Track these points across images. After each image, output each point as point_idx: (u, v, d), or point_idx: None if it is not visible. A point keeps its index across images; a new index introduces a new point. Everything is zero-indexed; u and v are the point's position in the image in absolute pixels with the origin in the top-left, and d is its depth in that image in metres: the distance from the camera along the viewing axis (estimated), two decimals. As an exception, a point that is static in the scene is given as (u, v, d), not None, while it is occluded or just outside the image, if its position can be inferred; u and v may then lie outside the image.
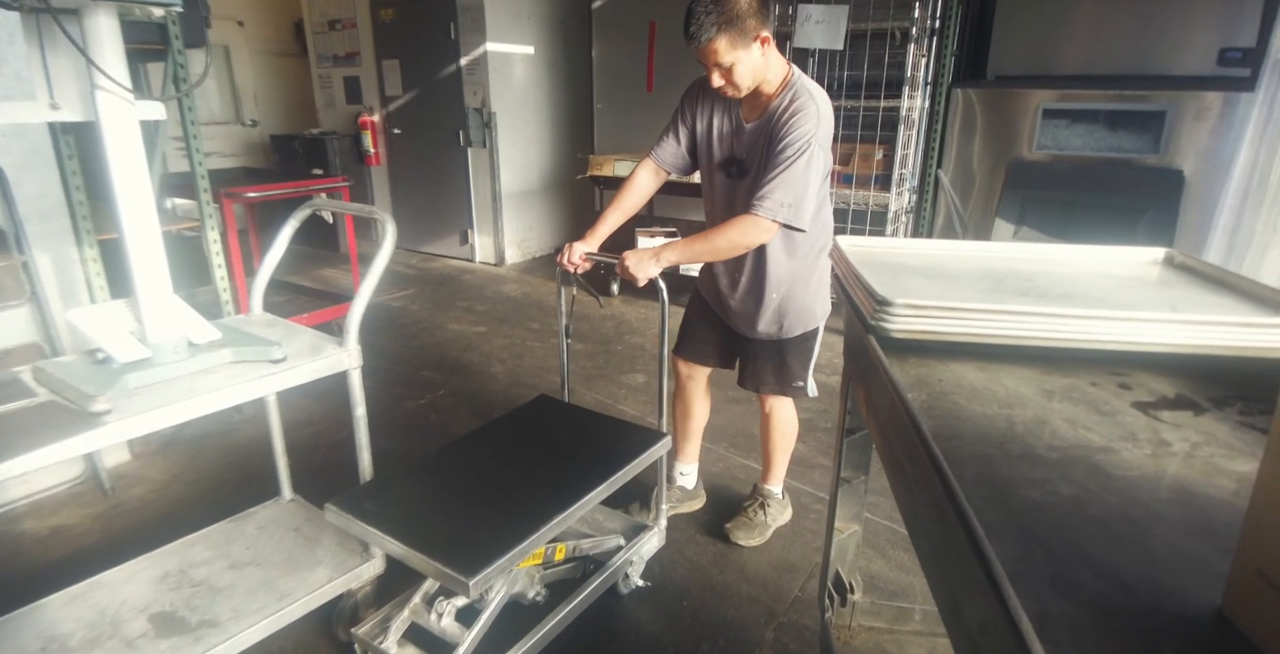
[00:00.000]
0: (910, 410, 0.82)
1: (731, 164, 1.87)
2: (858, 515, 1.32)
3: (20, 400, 1.31)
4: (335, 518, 1.47)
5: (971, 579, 0.60)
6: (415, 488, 1.60)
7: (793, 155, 1.68)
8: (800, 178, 1.69)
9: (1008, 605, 0.51)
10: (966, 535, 0.60)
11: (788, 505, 2.30)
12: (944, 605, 0.68)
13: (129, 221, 1.42)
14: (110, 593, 1.60)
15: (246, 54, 6.57)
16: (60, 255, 2.32)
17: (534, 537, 1.40)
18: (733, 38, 1.62)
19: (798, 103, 1.71)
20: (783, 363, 2.04)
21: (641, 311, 4.46)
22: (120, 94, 1.30)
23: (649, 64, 4.82)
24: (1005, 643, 0.54)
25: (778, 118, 1.73)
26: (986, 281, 1.25)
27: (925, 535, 0.77)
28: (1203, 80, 3.47)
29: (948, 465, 0.70)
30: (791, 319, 1.98)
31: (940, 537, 0.71)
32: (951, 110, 3.95)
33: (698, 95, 1.91)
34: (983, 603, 0.57)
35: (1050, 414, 0.95)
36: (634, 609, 1.93)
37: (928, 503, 0.75)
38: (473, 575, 1.26)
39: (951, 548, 0.67)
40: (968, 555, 0.60)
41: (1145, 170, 3.62)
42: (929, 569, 0.74)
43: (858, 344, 1.16)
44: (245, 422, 2.91)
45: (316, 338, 1.67)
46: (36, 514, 2.28)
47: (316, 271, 5.39)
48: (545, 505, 1.49)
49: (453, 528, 1.44)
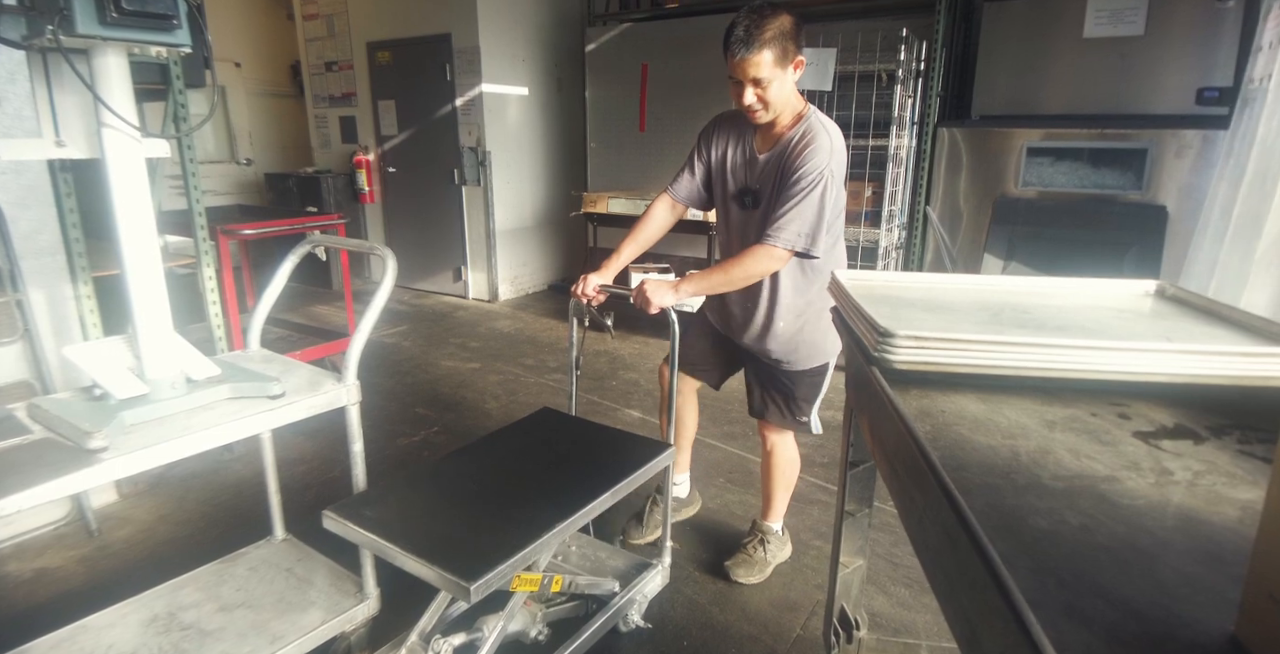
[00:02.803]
0: (920, 443, 0.82)
1: (745, 195, 1.90)
2: (862, 549, 1.31)
3: (15, 438, 1.30)
4: (333, 525, 1.44)
5: (989, 608, 0.60)
6: (415, 495, 1.57)
7: (807, 187, 1.71)
8: (815, 208, 1.72)
9: (1031, 634, 0.50)
10: (984, 566, 0.60)
11: (787, 541, 2.28)
12: (961, 635, 0.67)
13: (131, 257, 1.42)
14: (96, 637, 1.55)
15: (243, 95, 6.67)
16: (54, 293, 2.31)
17: (537, 543, 1.36)
18: (777, 55, 1.65)
19: (811, 135, 1.75)
20: (790, 395, 2.04)
21: (636, 348, 4.46)
22: (128, 132, 1.32)
23: (642, 104, 4.91)
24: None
25: (792, 149, 1.76)
26: (984, 314, 1.27)
27: (938, 565, 0.76)
28: (1182, 119, 3.58)
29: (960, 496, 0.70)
30: (803, 352, 1.99)
31: (954, 566, 0.71)
32: (938, 149, 4.04)
33: (713, 131, 1.96)
34: (1002, 631, 0.57)
35: (1053, 444, 0.95)
36: (634, 650, 1.89)
37: (940, 534, 0.75)
38: (474, 580, 1.23)
39: (966, 577, 0.67)
40: (985, 584, 0.60)
41: (1129, 206, 3.70)
42: (944, 599, 0.74)
43: (860, 376, 1.17)
44: (235, 460, 2.86)
45: (314, 374, 1.66)
46: (20, 557, 2.22)
47: (309, 308, 5.38)
48: (548, 512, 1.46)
49: (453, 534, 1.41)
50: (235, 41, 6.43)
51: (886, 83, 3.85)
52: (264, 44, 6.71)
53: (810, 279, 1.92)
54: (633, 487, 1.67)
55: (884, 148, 3.90)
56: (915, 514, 0.86)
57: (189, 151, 2.59)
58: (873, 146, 3.92)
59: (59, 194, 2.29)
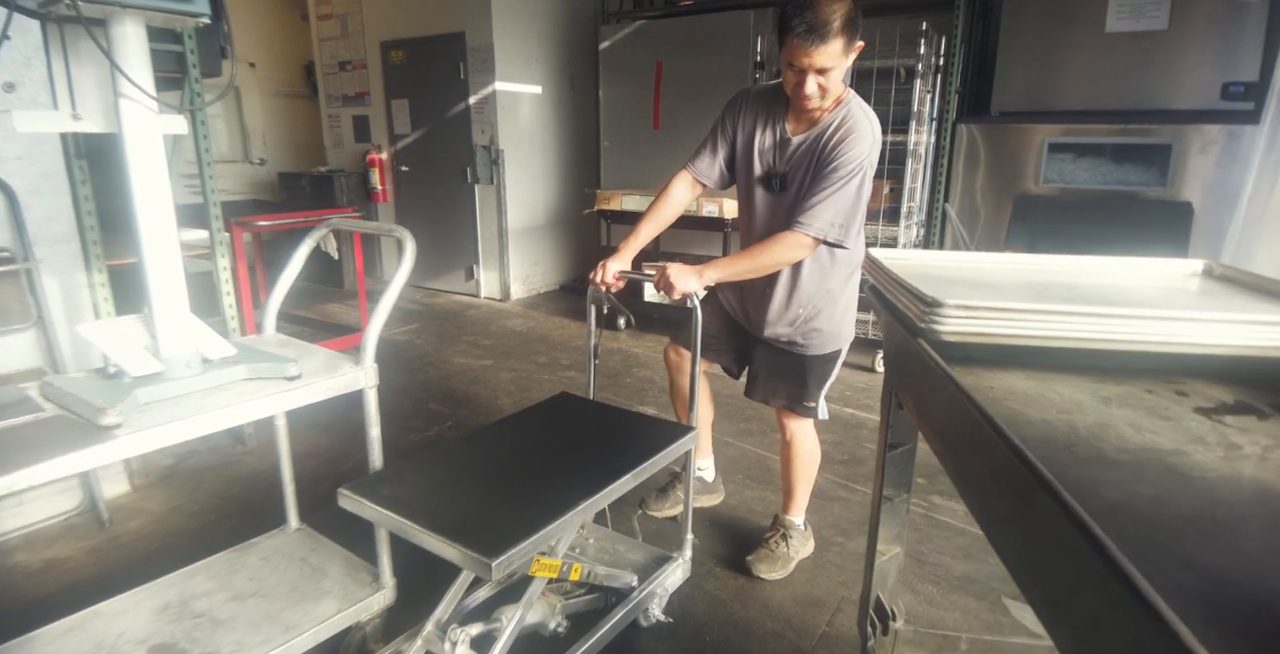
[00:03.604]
0: (981, 408, 0.78)
1: (773, 178, 1.84)
2: (899, 536, 1.26)
3: (26, 415, 1.26)
4: (348, 503, 1.39)
5: (1079, 573, 0.55)
6: (432, 475, 1.53)
7: (846, 176, 1.66)
8: (851, 199, 1.68)
9: (1137, 588, 0.46)
10: (1078, 530, 0.55)
11: (810, 537, 2.22)
12: (1041, 602, 0.62)
13: (148, 234, 1.39)
14: (107, 624, 1.51)
15: (257, 95, 6.68)
16: (68, 280, 2.29)
17: (560, 521, 1.32)
18: (846, 42, 1.58)
19: (852, 122, 1.69)
20: (800, 379, 2.00)
21: (650, 345, 4.41)
22: (145, 103, 1.29)
23: (655, 102, 4.89)
24: (1122, 635, 0.49)
25: (830, 135, 1.71)
26: (1029, 291, 1.22)
27: (1010, 537, 0.72)
28: (1207, 114, 3.51)
29: (1038, 460, 0.66)
30: (819, 337, 1.94)
31: (1029, 536, 0.66)
32: (957, 145, 3.99)
33: (740, 108, 1.88)
34: (1093, 596, 0.53)
35: (1112, 419, 0.91)
36: (654, 646, 1.84)
37: (1011, 503, 0.71)
38: (495, 557, 1.18)
39: (1047, 545, 0.62)
40: (1075, 547, 0.55)
41: (1153, 203, 3.64)
42: (1017, 570, 0.69)
43: (902, 353, 1.13)
44: (248, 453, 2.83)
45: (332, 357, 1.63)
46: (29, 547, 2.19)
47: (321, 306, 5.36)
48: (570, 492, 1.41)
49: (473, 512, 1.36)
50: (250, 42, 6.44)
51: (905, 78, 3.81)
52: (278, 44, 6.73)
53: (831, 268, 1.87)
54: (655, 468, 1.61)
55: (903, 144, 3.85)
56: (975, 486, 0.81)
57: (205, 140, 2.57)
58: (891, 143, 3.86)
59: (74, 181, 2.27)
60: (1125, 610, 0.48)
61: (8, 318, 2.11)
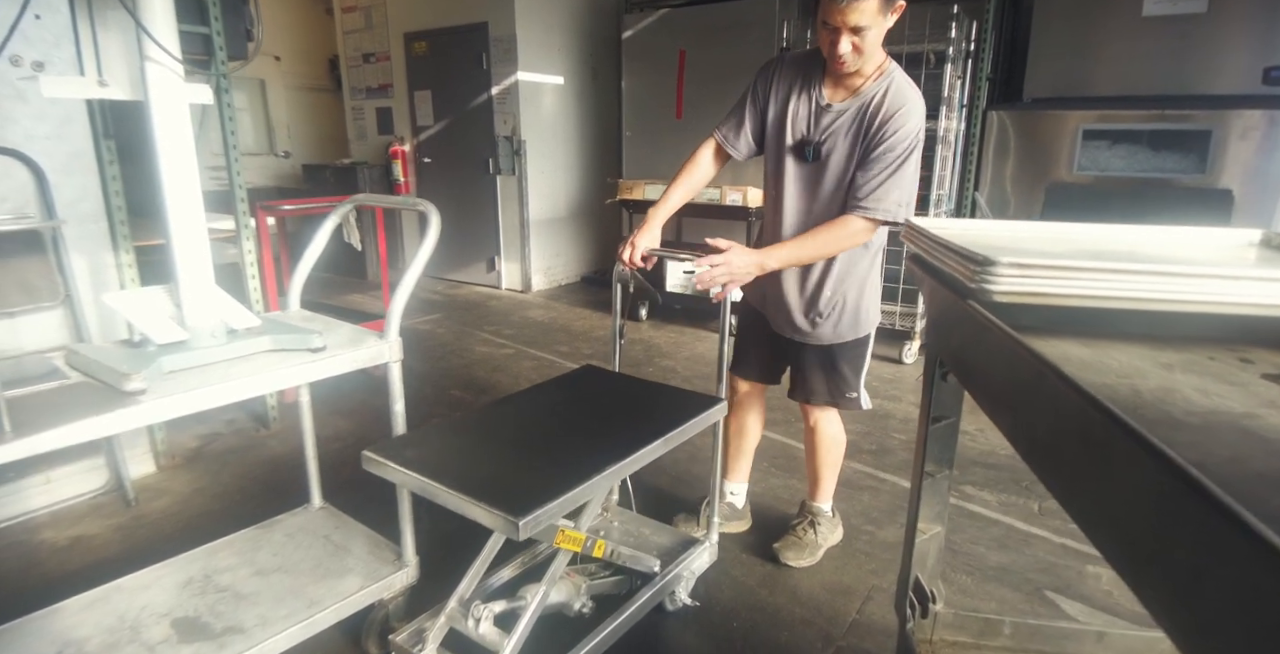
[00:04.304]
0: (1045, 358, 0.73)
1: (806, 146, 1.74)
2: (941, 515, 1.21)
3: (52, 382, 1.25)
4: (372, 465, 1.37)
5: (1174, 524, 0.51)
6: (458, 439, 1.50)
7: (903, 154, 1.60)
8: (911, 176, 1.63)
9: (1251, 528, 0.41)
10: (1175, 477, 0.51)
11: (839, 524, 2.17)
12: (1127, 561, 0.58)
13: (173, 203, 1.37)
14: (130, 598, 1.51)
15: (282, 89, 6.72)
16: (96, 260, 2.29)
17: (588, 483, 1.28)
18: (883, 1, 1.50)
19: (901, 96, 1.62)
20: (834, 370, 1.92)
21: (671, 336, 4.38)
22: (170, 66, 1.27)
23: (679, 91, 4.84)
24: (1230, 583, 0.44)
25: (877, 107, 1.63)
26: (1083, 257, 1.16)
27: (1084, 496, 0.67)
28: (1247, 99, 3.41)
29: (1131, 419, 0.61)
30: (847, 323, 1.87)
31: (1108, 492, 0.62)
32: (987, 132, 3.91)
33: (774, 74, 1.79)
34: (1194, 546, 0.48)
35: (1176, 384, 0.86)
36: (680, 630, 1.80)
37: (1087, 459, 0.66)
38: (523, 515, 1.15)
39: (1132, 500, 0.58)
40: (1170, 499, 0.51)
41: (1191, 191, 3.54)
42: (1094, 531, 0.64)
43: (949, 318, 1.08)
44: (271, 436, 2.83)
45: (356, 331, 1.61)
46: (56, 524, 2.20)
47: (345, 297, 5.38)
48: (597, 457, 1.37)
49: (499, 474, 1.33)
50: (275, 36, 6.48)
51: (935, 64, 3.73)
52: (303, 38, 6.77)
53: (864, 251, 1.81)
54: (684, 438, 1.56)
55: (932, 131, 3.77)
56: (1040, 445, 0.77)
57: (226, 95, 2.53)
58: (920, 129, 3.80)
59: (101, 161, 2.27)
60: (1234, 556, 0.43)
61: (36, 296, 2.11)
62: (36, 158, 2.10)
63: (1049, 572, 2.04)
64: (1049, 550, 2.13)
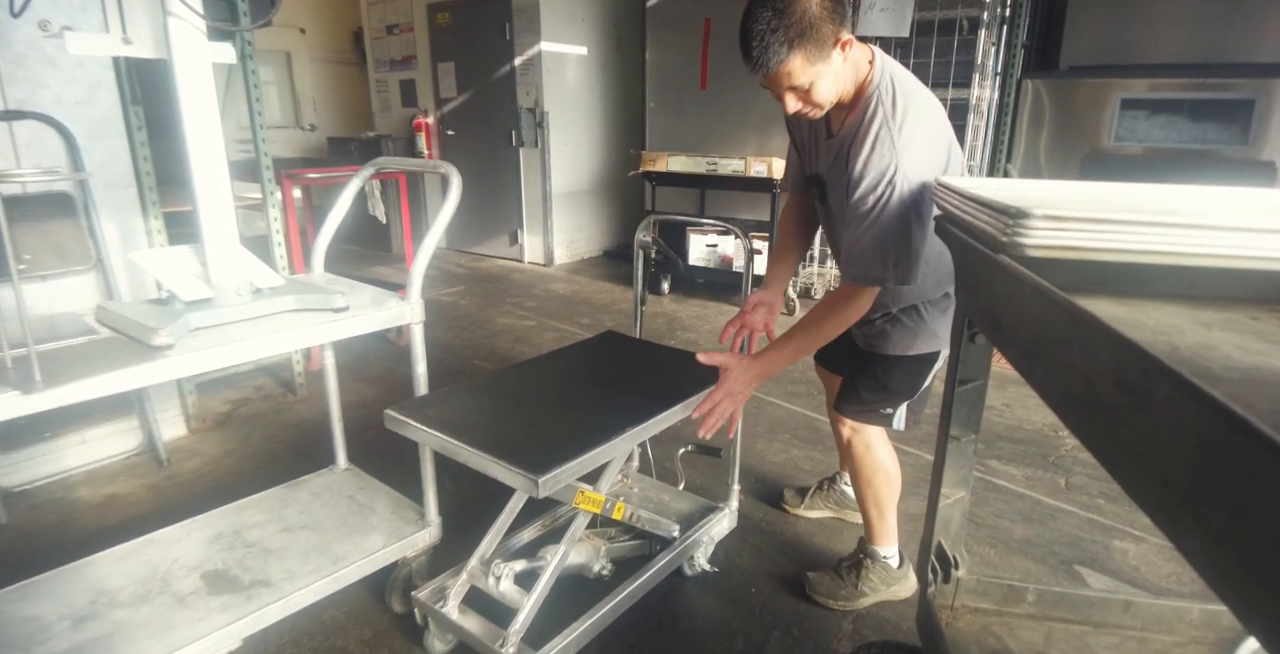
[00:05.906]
0: (1079, 308, 0.71)
1: (815, 183, 1.58)
2: (965, 480, 1.19)
3: (82, 337, 1.27)
4: (394, 424, 1.39)
5: (1214, 463, 0.49)
6: (479, 399, 1.51)
7: (876, 204, 1.34)
8: (894, 226, 1.34)
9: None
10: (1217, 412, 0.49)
11: (904, 578, 1.79)
12: (1162, 503, 0.56)
13: (198, 162, 1.38)
14: (162, 551, 1.55)
15: (307, 61, 6.72)
16: (126, 225, 2.32)
17: (609, 444, 1.28)
18: (809, 53, 1.27)
19: (867, 126, 1.36)
20: (880, 380, 1.64)
21: (693, 309, 4.36)
22: (193, 21, 1.27)
23: (703, 61, 4.76)
24: (1272, 517, 0.43)
25: (848, 149, 1.39)
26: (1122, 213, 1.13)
27: (1116, 442, 0.65)
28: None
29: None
30: (908, 335, 1.61)
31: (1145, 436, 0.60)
32: (1021, 102, 3.80)
33: None
34: (1235, 483, 0.47)
35: (1215, 341, 0.83)
36: (699, 594, 1.81)
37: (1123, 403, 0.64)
38: (542, 473, 1.16)
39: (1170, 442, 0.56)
40: (1211, 437, 0.49)
41: (1233, 162, 3.42)
42: (1126, 476, 0.63)
43: (978, 274, 1.05)
44: (298, 402, 2.88)
45: (378, 293, 1.62)
46: (91, 482, 2.26)
47: (370, 269, 5.41)
48: (618, 418, 1.37)
49: (520, 433, 1.34)
50: (300, 8, 6.47)
51: (968, 30, 3.63)
52: (327, 10, 6.74)
53: (930, 269, 1.51)
54: None
55: (964, 100, 3.68)
56: (1072, 395, 0.75)
57: (250, 62, 2.52)
58: (952, 98, 3.70)
59: (130, 126, 2.29)
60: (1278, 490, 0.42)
61: (69, 259, 2.15)
62: (66, 123, 2.12)
63: (1075, 545, 2.01)
64: (1075, 525, 2.11)
